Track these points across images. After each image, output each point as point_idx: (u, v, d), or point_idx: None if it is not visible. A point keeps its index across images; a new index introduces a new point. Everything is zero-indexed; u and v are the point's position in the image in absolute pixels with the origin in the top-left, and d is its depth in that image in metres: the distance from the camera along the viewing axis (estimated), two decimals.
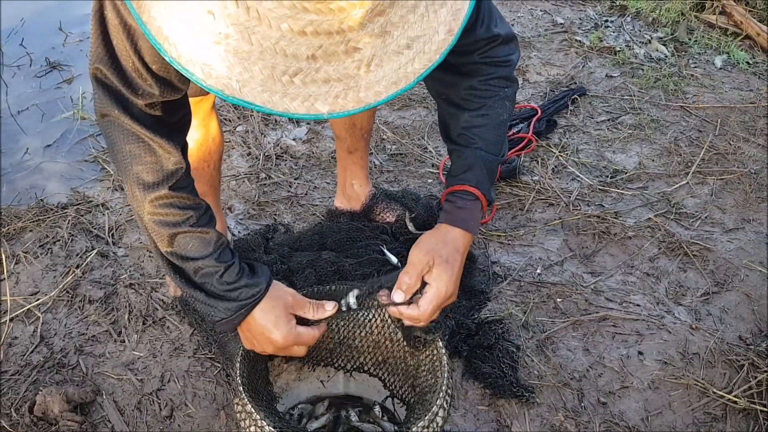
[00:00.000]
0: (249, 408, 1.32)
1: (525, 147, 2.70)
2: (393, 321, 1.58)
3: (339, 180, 2.28)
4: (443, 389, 1.37)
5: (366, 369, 1.69)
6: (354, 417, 1.65)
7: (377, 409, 1.67)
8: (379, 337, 1.62)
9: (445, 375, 1.40)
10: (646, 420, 1.79)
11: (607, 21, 3.74)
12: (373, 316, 1.61)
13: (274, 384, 1.61)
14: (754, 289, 2.15)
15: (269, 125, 2.84)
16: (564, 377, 1.87)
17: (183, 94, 1.24)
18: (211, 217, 1.33)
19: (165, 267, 1.32)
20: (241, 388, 1.36)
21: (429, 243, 1.38)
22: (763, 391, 1.84)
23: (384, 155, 2.69)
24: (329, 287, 1.53)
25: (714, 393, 1.84)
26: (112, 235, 2.28)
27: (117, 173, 2.50)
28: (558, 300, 2.09)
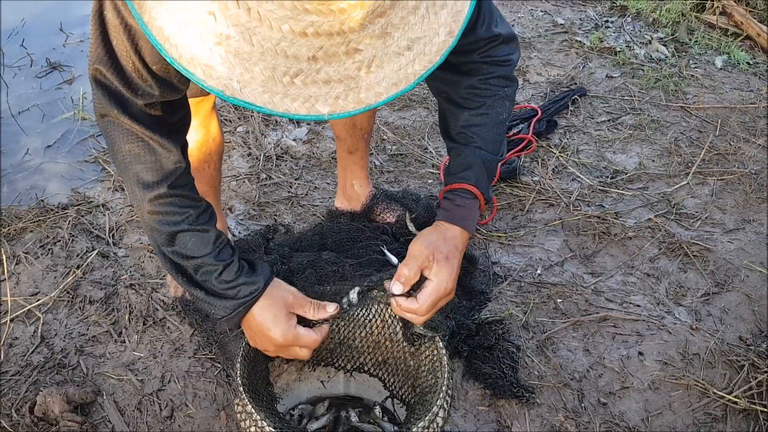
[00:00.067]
0: (249, 408, 1.32)
1: (525, 147, 2.70)
2: (394, 321, 1.58)
3: (339, 180, 2.29)
4: (443, 390, 1.37)
5: (366, 369, 1.69)
6: (354, 417, 1.65)
7: (377, 410, 1.67)
8: (380, 338, 1.62)
9: (446, 375, 1.40)
10: (646, 420, 1.79)
11: (608, 21, 3.74)
12: (374, 316, 1.61)
13: (274, 384, 1.61)
14: (754, 290, 2.15)
15: (270, 126, 2.84)
16: (564, 378, 1.87)
17: (183, 94, 1.24)
18: (212, 215, 1.33)
19: (166, 265, 1.32)
20: (242, 388, 1.36)
21: (429, 238, 1.38)
22: (764, 392, 1.84)
23: (384, 156, 2.69)
24: (330, 287, 1.53)
25: (714, 393, 1.84)
26: (112, 236, 2.29)
27: (117, 173, 2.50)
28: (558, 300, 2.09)
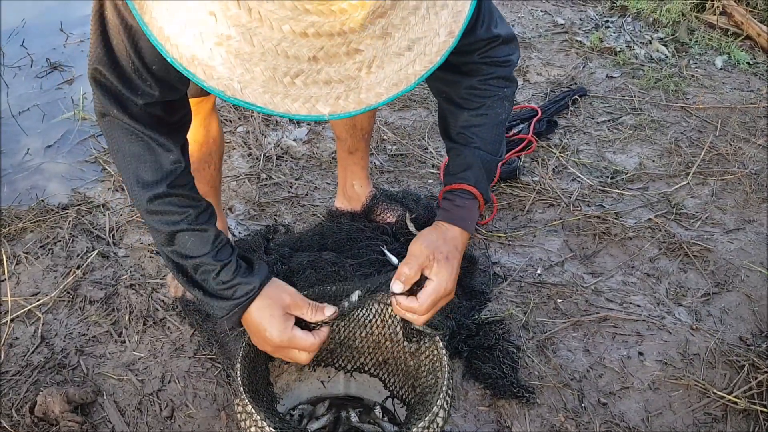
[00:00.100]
0: (249, 408, 1.32)
1: (525, 147, 2.70)
2: (394, 321, 1.58)
3: (339, 180, 2.29)
4: (444, 390, 1.37)
5: (366, 369, 1.69)
6: (354, 417, 1.65)
7: (378, 410, 1.67)
8: (380, 338, 1.62)
9: (446, 376, 1.40)
10: (646, 420, 1.79)
11: (608, 21, 3.74)
12: (374, 316, 1.61)
13: (274, 384, 1.61)
14: (754, 290, 2.15)
15: (270, 126, 2.84)
16: (564, 378, 1.87)
17: (183, 94, 1.25)
18: (212, 215, 1.33)
19: (168, 264, 1.33)
20: (242, 388, 1.36)
21: (429, 238, 1.38)
22: (764, 392, 1.84)
23: (384, 156, 2.69)
24: (330, 288, 1.53)
25: (714, 394, 1.84)
26: (112, 236, 2.29)
27: (118, 172, 2.50)
28: (558, 300, 2.09)
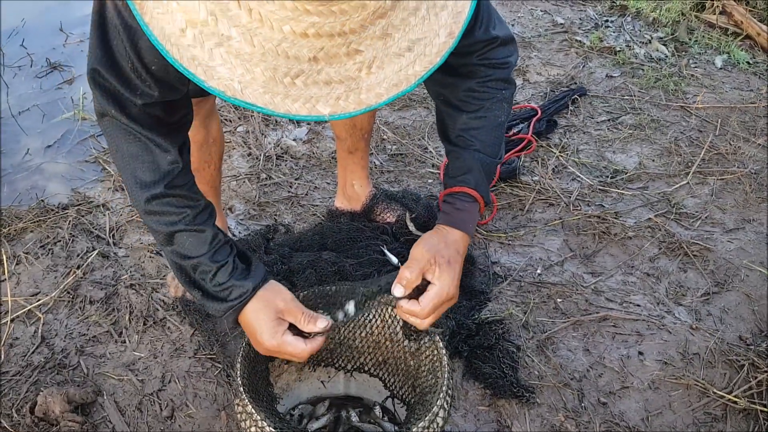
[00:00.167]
0: (249, 408, 1.32)
1: (525, 147, 2.70)
2: (394, 321, 1.58)
3: (339, 180, 2.29)
4: (444, 390, 1.38)
5: (366, 369, 1.69)
6: (354, 417, 1.65)
7: (378, 410, 1.67)
8: (380, 338, 1.62)
9: (446, 375, 1.40)
10: (646, 420, 1.79)
11: (608, 21, 3.74)
12: (374, 316, 1.61)
13: (274, 384, 1.61)
14: (754, 290, 2.15)
15: (270, 126, 2.84)
16: (564, 377, 1.88)
17: (182, 94, 1.25)
18: (211, 214, 1.33)
19: (169, 264, 1.35)
20: (242, 388, 1.36)
21: (431, 242, 1.38)
22: (764, 392, 1.84)
23: (384, 155, 2.70)
24: (330, 288, 1.53)
25: (714, 393, 1.84)
26: (112, 236, 2.29)
27: (117, 172, 2.50)
28: (558, 300, 2.09)
